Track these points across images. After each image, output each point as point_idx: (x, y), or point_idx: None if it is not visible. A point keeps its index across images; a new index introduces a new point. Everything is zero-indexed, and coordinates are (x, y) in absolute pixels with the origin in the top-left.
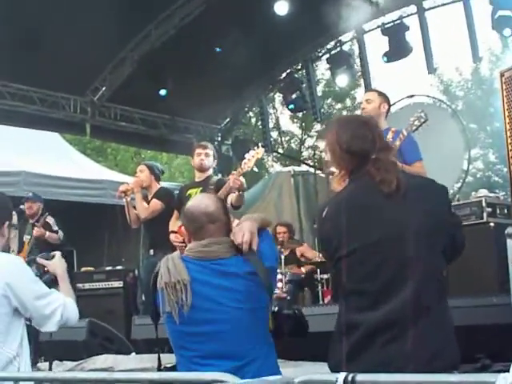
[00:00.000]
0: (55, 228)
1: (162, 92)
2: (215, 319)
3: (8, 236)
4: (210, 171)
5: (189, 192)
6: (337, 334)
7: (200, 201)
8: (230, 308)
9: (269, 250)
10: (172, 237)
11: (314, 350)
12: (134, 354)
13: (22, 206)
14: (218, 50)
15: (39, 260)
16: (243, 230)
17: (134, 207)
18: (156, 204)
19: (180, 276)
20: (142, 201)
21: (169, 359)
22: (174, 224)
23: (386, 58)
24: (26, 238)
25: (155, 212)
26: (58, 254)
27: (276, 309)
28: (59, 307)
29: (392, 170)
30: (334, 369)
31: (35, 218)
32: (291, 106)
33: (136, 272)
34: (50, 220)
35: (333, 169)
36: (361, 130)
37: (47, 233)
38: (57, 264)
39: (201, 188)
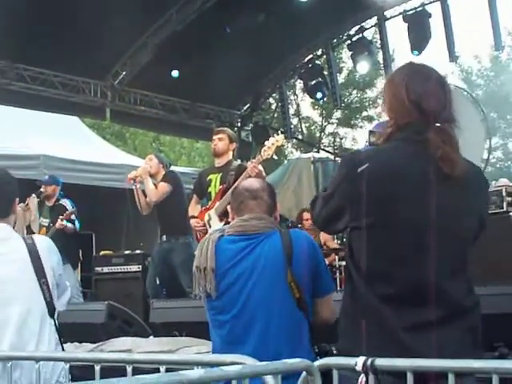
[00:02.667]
0: (73, 216)
1: (174, 73)
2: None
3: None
4: (230, 155)
5: (209, 177)
6: (354, 315)
7: (247, 180)
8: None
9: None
10: (193, 222)
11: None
12: (152, 337)
13: (42, 189)
14: (227, 30)
15: None
16: None
17: (144, 194)
18: (164, 186)
19: (207, 263)
20: (151, 184)
21: (187, 342)
22: (194, 209)
23: (416, 52)
24: (43, 220)
25: (164, 194)
26: None
27: None
28: (68, 288)
29: (456, 148)
30: (349, 352)
31: (52, 201)
32: (318, 95)
33: None
34: (68, 205)
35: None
36: (437, 87)
37: (67, 225)
38: None
39: (221, 173)
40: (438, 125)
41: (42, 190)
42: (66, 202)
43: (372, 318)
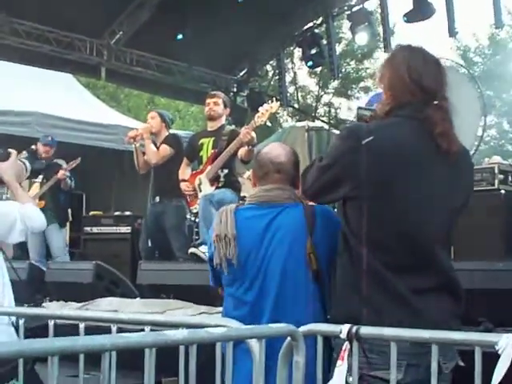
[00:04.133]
0: (68, 174)
1: (179, 36)
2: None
3: None
4: (223, 120)
5: (201, 141)
6: (355, 280)
7: (272, 149)
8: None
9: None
10: (183, 185)
11: None
12: (139, 298)
13: (33, 147)
14: (178, 37)
15: None
16: None
17: (143, 153)
18: (165, 149)
19: (228, 230)
20: (152, 146)
21: (174, 305)
22: (184, 172)
23: (405, 18)
24: (34, 180)
25: (165, 157)
26: (13, 154)
27: None
28: (17, 216)
29: (452, 125)
30: (341, 319)
31: (48, 161)
32: (310, 63)
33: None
34: (64, 164)
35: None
36: (435, 68)
37: (66, 178)
38: (5, 169)
39: (213, 138)
40: (435, 102)
41: (33, 147)
42: (61, 161)
43: (377, 280)
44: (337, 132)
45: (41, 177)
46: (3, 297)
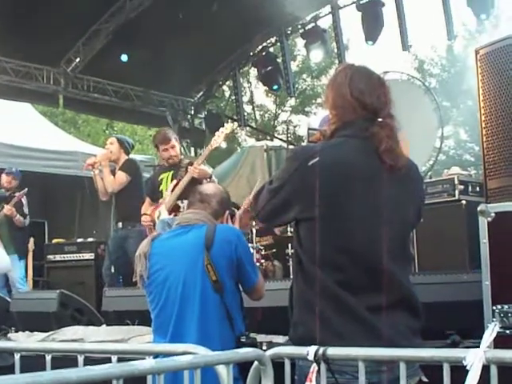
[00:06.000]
0: (26, 210)
1: (124, 57)
2: None
3: None
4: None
5: (161, 177)
6: (310, 301)
7: (205, 184)
8: None
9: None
10: (143, 218)
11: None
12: (104, 325)
13: None
14: (124, 58)
15: None
16: None
17: (103, 179)
18: (121, 176)
19: (142, 249)
20: (109, 174)
21: (139, 331)
22: (147, 208)
23: (370, 42)
24: None
25: (121, 184)
26: None
27: None
28: None
29: (398, 141)
30: (305, 340)
31: (9, 193)
32: (275, 87)
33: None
34: (24, 201)
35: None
36: (377, 86)
37: (17, 216)
38: None
39: (172, 171)
40: (380, 120)
41: None
42: (24, 199)
43: (332, 301)
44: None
45: None
46: None
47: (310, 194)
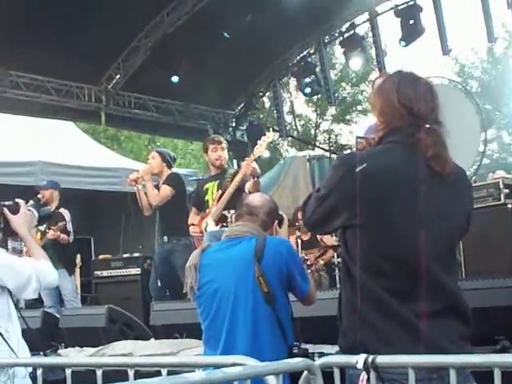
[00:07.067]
0: (69, 227)
1: (174, 79)
2: None
3: None
4: (225, 163)
5: (206, 186)
6: (358, 308)
7: (251, 195)
8: None
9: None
10: (191, 228)
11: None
12: (153, 339)
13: (39, 195)
14: (225, 35)
15: (4, 210)
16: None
17: (146, 194)
18: (165, 190)
19: (192, 261)
20: (152, 188)
21: (188, 344)
22: (194, 218)
23: (403, 43)
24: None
25: (165, 198)
26: (22, 205)
27: None
28: (32, 274)
29: (446, 148)
30: (351, 349)
31: (52, 206)
32: (307, 90)
33: None
34: (67, 216)
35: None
36: (425, 91)
37: (60, 235)
38: (19, 222)
39: (218, 181)
40: (427, 126)
41: (39, 196)
42: (65, 212)
43: (379, 307)
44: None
45: (44, 226)
46: (18, 348)
47: (357, 200)
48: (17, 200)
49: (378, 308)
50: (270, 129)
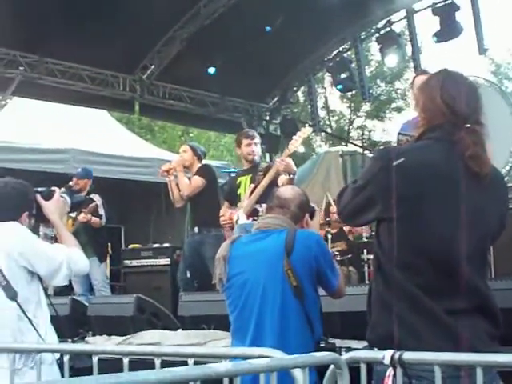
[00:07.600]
0: (101, 211)
1: (211, 70)
2: None
3: (28, 225)
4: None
5: (239, 180)
6: (389, 302)
7: (283, 188)
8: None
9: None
10: (221, 219)
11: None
12: (180, 330)
13: (70, 183)
14: (267, 29)
15: (37, 197)
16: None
17: (178, 186)
18: (197, 180)
19: (221, 252)
20: (184, 178)
21: (215, 336)
22: (226, 211)
23: (435, 38)
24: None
25: (197, 188)
26: (57, 192)
27: None
28: (63, 261)
29: (485, 149)
30: (379, 342)
31: (83, 193)
32: (339, 87)
33: None
34: (99, 201)
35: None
36: (468, 92)
37: (92, 218)
38: (51, 209)
39: (250, 175)
40: (468, 126)
41: (71, 183)
42: (97, 197)
43: (410, 302)
44: (370, 155)
45: (72, 215)
46: (46, 334)
47: (393, 193)
48: (52, 187)
49: (410, 303)
50: (306, 124)
